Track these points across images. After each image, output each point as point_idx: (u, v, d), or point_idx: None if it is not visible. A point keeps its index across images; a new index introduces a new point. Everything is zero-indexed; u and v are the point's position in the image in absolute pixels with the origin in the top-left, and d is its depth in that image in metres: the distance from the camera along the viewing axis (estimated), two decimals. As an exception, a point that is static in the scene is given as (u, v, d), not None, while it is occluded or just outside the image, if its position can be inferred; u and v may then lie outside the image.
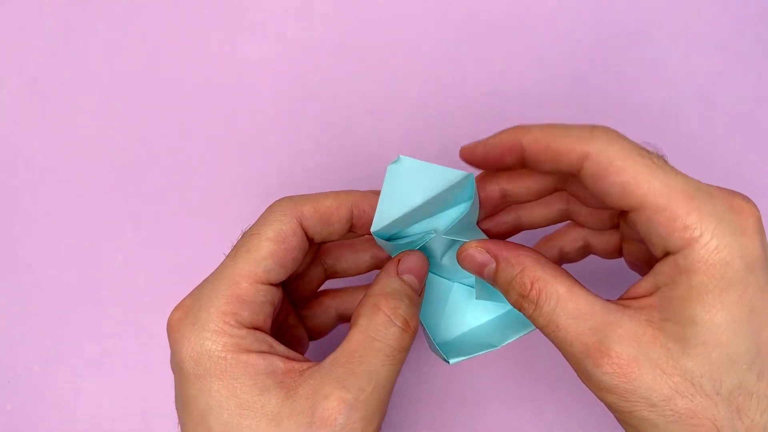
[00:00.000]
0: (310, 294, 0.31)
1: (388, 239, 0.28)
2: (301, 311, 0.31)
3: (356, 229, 0.28)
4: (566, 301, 0.23)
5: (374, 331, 0.25)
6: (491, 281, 0.26)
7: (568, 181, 0.27)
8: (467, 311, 0.30)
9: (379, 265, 0.31)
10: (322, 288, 0.32)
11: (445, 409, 0.36)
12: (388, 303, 0.25)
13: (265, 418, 0.23)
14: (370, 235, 0.26)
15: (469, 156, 0.27)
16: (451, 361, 0.28)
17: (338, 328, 0.32)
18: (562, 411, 0.36)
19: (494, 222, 0.30)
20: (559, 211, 0.29)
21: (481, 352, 0.28)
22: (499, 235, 0.30)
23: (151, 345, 0.37)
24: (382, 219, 0.26)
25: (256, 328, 0.25)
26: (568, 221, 0.30)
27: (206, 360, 0.24)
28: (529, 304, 0.24)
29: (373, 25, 0.40)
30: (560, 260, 0.31)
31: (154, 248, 0.38)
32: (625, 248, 0.29)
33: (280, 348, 0.25)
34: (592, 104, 0.39)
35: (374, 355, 0.24)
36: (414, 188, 0.26)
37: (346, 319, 0.32)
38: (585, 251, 0.31)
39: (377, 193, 0.26)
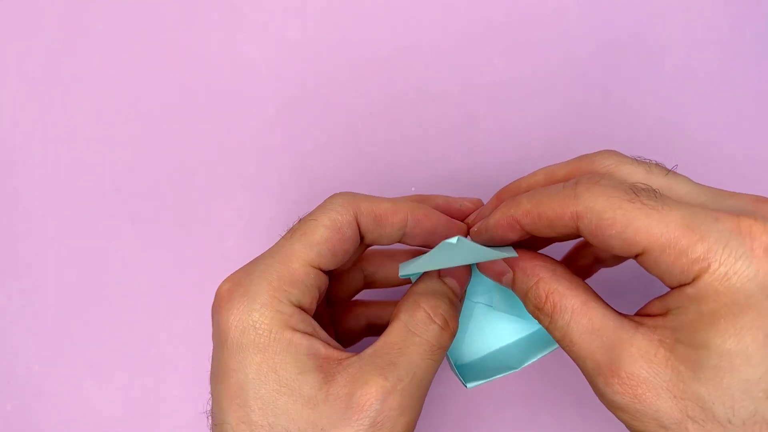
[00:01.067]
0: (346, 298, 0.32)
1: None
2: (334, 314, 0.31)
3: (406, 239, 0.28)
4: (580, 316, 0.23)
5: (414, 326, 0.25)
6: (510, 288, 0.26)
7: None
8: (489, 333, 0.30)
9: None
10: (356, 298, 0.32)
11: (439, 408, 0.36)
12: (428, 301, 0.26)
13: (301, 399, 0.23)
14: (419, 246, 0.27)
15: (478, 240, 0.27)
16: (469, 385, 0.27)
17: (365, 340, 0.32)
18: (556, 412, 0.36)
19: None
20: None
21: (499, 375, 0.27)
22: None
23: (151, 345, 0.37)
24: (412, 269, 0.26)
25: (302, 309, 0.25)
26: None
27: (251, 331, 0.24)
28: (545, 316, 0.24)
29: (374, 25, 0.40)
30: (596, 266, 0.30)
31: (153, 248, 0.38)
32: None
33: (322, 333, 0.25)
34: (592, 104, 0.39)
35: (414, 349, 0.24)
36: (458, 259, 0.25)
37: (375, 330, 0.32)
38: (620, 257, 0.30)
39: (431, 209, 0.27)
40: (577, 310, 0.23)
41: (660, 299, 0.23)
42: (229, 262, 0.38)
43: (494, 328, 0.30)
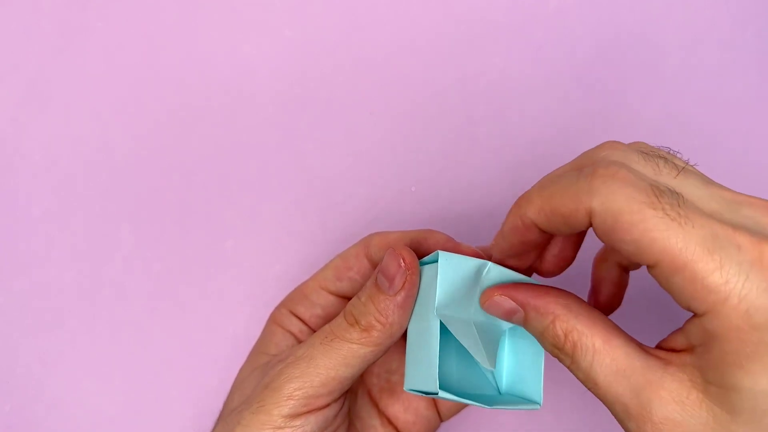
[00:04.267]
0: None
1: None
2: None
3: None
4: (603, 356, 0.22)
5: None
6: (522, 326, 0.25)
7: None
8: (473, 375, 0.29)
9: None
10: None
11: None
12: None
13: (250, 367, 0.31)
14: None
15: (498, 253, 0.26)
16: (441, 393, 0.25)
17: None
18: (560, 414, 0.36)
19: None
20: None
21: (470, 402, 0.25)
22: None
23: (150, 345, 0.37)
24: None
25: (300, 318, 0.32)
26: None
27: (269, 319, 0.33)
28: (565, 356, 0.23)
29: (374, 24, 0.40)
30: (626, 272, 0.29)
31: (152, 248, 0.38)
32: None
33: (306, 336, 0.31)
34: (592, 104, 0.39)
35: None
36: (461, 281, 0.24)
37: None
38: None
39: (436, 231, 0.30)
40: (599, 349, 0.22)
41: (681, 332, 0.22)
42: (229, 262, 0.38)
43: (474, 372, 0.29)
